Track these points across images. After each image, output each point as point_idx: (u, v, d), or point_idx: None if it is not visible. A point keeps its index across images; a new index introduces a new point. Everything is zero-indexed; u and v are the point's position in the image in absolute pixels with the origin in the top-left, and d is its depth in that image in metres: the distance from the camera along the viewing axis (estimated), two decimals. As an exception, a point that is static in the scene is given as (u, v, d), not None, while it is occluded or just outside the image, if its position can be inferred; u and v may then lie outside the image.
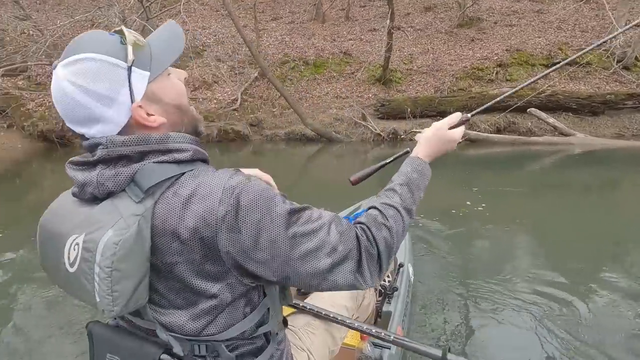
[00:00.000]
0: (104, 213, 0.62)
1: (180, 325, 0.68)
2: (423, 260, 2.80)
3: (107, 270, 0.58)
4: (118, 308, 0.60)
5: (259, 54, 8.43)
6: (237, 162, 8.25)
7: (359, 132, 8.91)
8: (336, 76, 10.89)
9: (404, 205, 0.79)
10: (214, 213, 0.61)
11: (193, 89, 10.58)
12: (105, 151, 0.63)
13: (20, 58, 9.03)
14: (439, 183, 5.41)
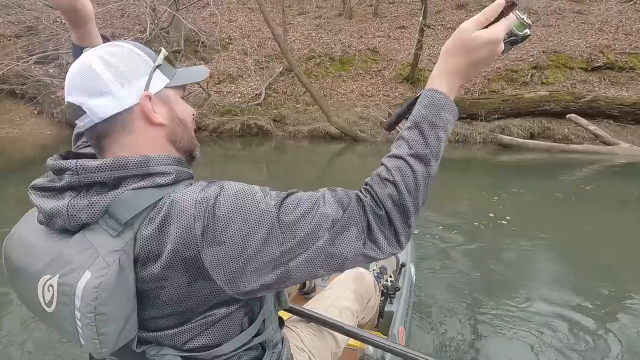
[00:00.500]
0: (77, 252, 0.55)
1: (173, 344, 0.63)
2: (435, 273, 2.64)
3: (90, 315, 0.53)
4: (107, 350, 0.56)
5: (287, 49, 8.26)
6: (258, 157, 8.17)
7: (384, 132, 8.66)
8: (362, 74, 10.64)
9: (412, 152, 0.64)
10: (191, 231, 0.56)
11: (217, 82, 10.55)
12: (76, 178, 0.57)
13: (52, 46, 9.18)
14: (463, 190, 5.14)
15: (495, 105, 8.42)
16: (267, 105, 9.92)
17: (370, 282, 1.24)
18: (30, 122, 9.96)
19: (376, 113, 9.07)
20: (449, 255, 2.97)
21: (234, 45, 11.74)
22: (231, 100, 10.00)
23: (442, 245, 3.17)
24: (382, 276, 1.53)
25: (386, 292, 1.45)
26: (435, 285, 2.46)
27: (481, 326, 2.03)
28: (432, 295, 2.31)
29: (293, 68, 7.91)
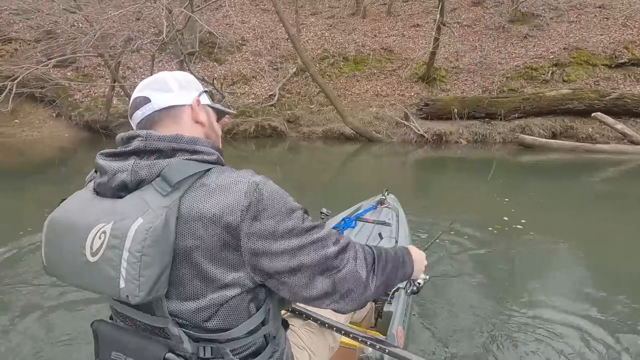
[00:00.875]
0: (131, 205, 0.65)
1: (188, 317, 0.69)
2: (441, 276, 2.54)
3: (138, 254, 0.61)
4: (143, 294, 0.62)
5: (302, 49, 8.19)
6: (272, 158, 8.12)
7: (400, 132, 8.52)
8: (377, 73, 10.51)
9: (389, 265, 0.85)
10: (240, 203, 0.66)
11: (231, 83, 10.56)
12: (143, 143, 0.70)
13: (69, 50, 9.31)
14: (478, 192, 4.92)
15: (515, 104, 8.19)
16: (281, 106, 9.88)
17: None
18: (49, 124, 10.13)
19: (392, 113, 8.93)
20: (455, 258, 2.85)
21: (247, 46, 11.74)
22: (245, 101, 9.99)
23: (450, 247, 3.03)
24: None
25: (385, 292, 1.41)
26: (440, 288, 2.37)
27: (483, 329, 1.99)
28: (433, 298, 2.25)
29: (308, 68, 7.83)
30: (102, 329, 0.78)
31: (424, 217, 3.82)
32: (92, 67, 10.93)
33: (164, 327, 0.70)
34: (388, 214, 2.28)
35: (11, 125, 9.60)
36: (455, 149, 7.97)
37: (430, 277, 1.09)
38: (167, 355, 0.70)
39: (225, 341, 0.72)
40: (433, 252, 2.89)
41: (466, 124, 8.32)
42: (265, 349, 0.77)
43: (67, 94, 10.00)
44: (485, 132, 8.18)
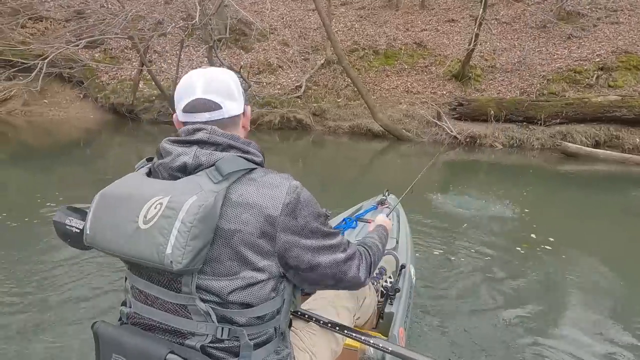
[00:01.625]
0: (187, 185, 0.74)
1: (217, 291, 0.76)
2: (449, 293, 2.37)
3: (189, 225, 0.69)
4: (186, 261, 0.69)
5: (336, 39, 7.87)
6: (296, 151, 7.93)
7: (431, 132, 8.16)
8: (408, 69, 10.11)
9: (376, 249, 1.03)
10: (281, 199, 0.77)
11: (257, 72, 10.35)
12: (207, 135, 0.81)
13: (98, 31, 9.25)
14: (509, 199, 4.46)
15: (557, 108, 7.71)
16: (307, 98, 9.62)
17: (367, 292, 1.29)
18: (76, 105, 10.15)
19: (423, 111, 8.57)
20: (469, 278, 2.64)
21: (274, 35, 11.47)
22: (270, 91, 9.77)
23: (467, 265, 2.80)
24: (381, 277, 1.54)
25: (386, 293, 1.45)
26: (444, 296, 2.31)
27: (485, 331, 1.97)
28: (434, 298, 2.23)
29: (341, 61, 7.53)
30: (103, 330, 0.80)
31: (436, 220, 3.60)
32: (120, 49, 10.88)
33: (187, 305, 0.76)
34: None
35: (40, 104, 9.65)
36: (489, 153, 7.59)
37: None
38: (168, 356, 0.73)
39: (242, 324, 0.78)
40: (448, 264, 2.77)
41: (502, 127, 7.90)
42: (273, 340, 0.83)
43: (94, 75, 9.97)
44: (522, 137, 7.75)
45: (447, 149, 7.79)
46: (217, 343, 0.77)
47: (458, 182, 5.80)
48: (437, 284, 2.45)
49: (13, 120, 9.15)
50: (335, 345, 1.07)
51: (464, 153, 7.64)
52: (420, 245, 2.99)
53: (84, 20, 9.26)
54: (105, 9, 9.74)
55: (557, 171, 6.65)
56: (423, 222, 3.59)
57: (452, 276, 2.58)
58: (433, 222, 3.61)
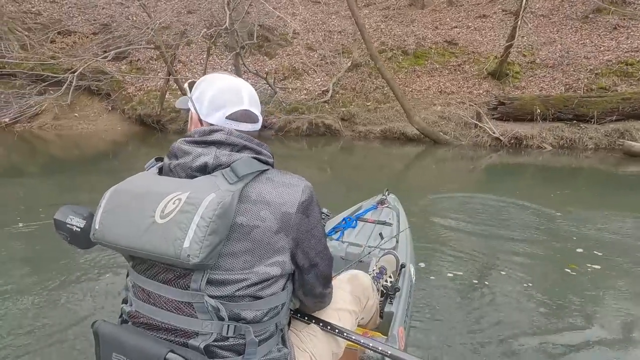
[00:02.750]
0: (205, 183, 0.76)
1: (229, 284, 0.77)
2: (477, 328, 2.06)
3: (208, 220, 0.71)
4: (203, 255, 0.70)
5: (370, 40, 7.50)
6: (324, 158, 7.59)
7: (471, 134, 7.64)
8: (439, 68, 9.63)
9: None
10: (297, 197, 0.81)
11: (282, 78, 10.10)
12: (225, 136, 0.84)
13: (124, 43, 9.24)
14: (559, 207, 3.92)
15: (612, 104, 7.06)
16: (335, 103, 9.28)
17: (366, 282, 1.24)
18: (103, 118, 10.17)
19: (459, 112, 8.06)
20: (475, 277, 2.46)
21: (297, 39, 11.23)
22: (297, 97, 9.49)
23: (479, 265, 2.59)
24: (381, 277, 1.52)
25: (386, 292, 1.44)
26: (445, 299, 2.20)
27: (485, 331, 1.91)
28: (434, 298, 2.17)
29: (376, 62, 7.16)
30: (102, 330, 0.80)
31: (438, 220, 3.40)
32: (145, 60, 10.88)
33: (193, 303, 0.76)
34: (389, 213, 2.23)
35: (69, 117, 9.71)
36: (536, 155, 7.01)
37: None
38: (168, 356, 0.73)
39: (249, 321, 0.79)
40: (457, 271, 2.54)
41: (549, 127, 7.31)
42: (274, 336, 0.84)
43: (121, 87, 9.97)
44: (573, 137, 7.13)
45: (490, 152, 7.26)
46: (221, 341, 0.77)
47: (499, 186, 5.29)
48: (439, 284, 2.36)
49: (44, 135, 9.22)
50: (336, 348, 1.06)
51: (508, 156, 7.09)
52: (430, 246, 2.89)
53: (110, 33, 9.30)
54: (130, 21, 9.77)
55: (614, 173, 6.01)
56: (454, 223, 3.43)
57: (457, 278, 2.45)
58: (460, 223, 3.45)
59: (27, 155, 7.44)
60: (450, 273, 2.41)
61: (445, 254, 2.77)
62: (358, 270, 1.30)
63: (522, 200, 4.24)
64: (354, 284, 1.18)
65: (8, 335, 1.83)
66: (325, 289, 0.95)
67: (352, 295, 1.15)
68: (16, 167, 6.42)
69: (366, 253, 1.78)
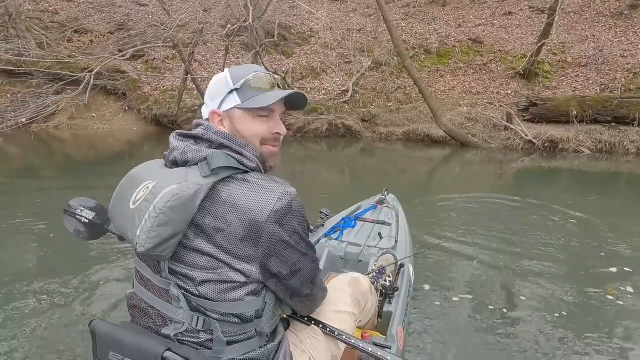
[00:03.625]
0: (176, 174, 0.77)
1: (190, 279, 0.77)
2: None
3: (158, 211, 0.71)
4: (149, 246, 0.71)
5: (398, 37, 7.16)
6: (342, 160, 7.29)
7: (501, 136, 7.25)
8: (464, 67, 9.24)
9: None
10: (270, 205, 0.75)
11: (300, 77, 9.83)
12: (203, 131, 0.84)
13: (140, 42, 9.09)
14: (598, 218, 3.49)
15: (656, 106, 6.60)
16: (355, 103, 8.97)
17: (366, 285, 1.23)
18: (119, 118, 10.05)
19: (487, 113, 7.67)
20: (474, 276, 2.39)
21: (315, 38, 10.95)
22: (315, 97, 9.21)
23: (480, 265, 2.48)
24: (381, 276, 1.49)
25: (385, 292, 1.43)
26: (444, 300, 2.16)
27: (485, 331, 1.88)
28: (435, 298, 2.13)
29: (404, 60, 6.84)
30: (100, 328, 0.80)
31: None
32: (161, 60, 10.74)
33: (168, 290, 0.79)
34: (388, 213, 2.22)
35: (85, 117, 9.61)
36: (572, 160, 6.59)
37: None
38: (166, 354, 0.73)
39: (216, 319, 0.78)
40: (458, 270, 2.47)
41: (586, 129, 6.88)
42: (253, 339, 0.82)
43: (137, 87, 9.83)
44: (613, 140, 6.69)
45: (522, 156, 6.86)
46: (193, 334, 0.78)
47: (528, 192, 4.88)
48: (440, 285, 2.31)
49: (60, 134, 9.13)
50: (336, 350, 1.05)
51: (542, 160, 6.68)
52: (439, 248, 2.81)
53: (126, 32, 9.17)
54: (147, 20, 9.62)
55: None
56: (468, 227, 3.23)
57: (457, 277, 2.42)
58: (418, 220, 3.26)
59: (43, 156, 7.33)
60: (460, 296, 2.18)
61: (459, 271, 2.49)
62: (357, 271, 1.33)
63: (553, 207, 3.88)
64: (354, 287, 1.18)
65: (7, 335, 1.83)
66: (313, 289, 0.89)
67: (353, 298, 1.15)
68: (32, 167, 6.29)
69: (365, 253, 1.78)
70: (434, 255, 2.66)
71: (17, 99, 7.72)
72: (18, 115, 5.49)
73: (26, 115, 5.54)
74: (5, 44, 6.85)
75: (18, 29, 8.29)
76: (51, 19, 9.95)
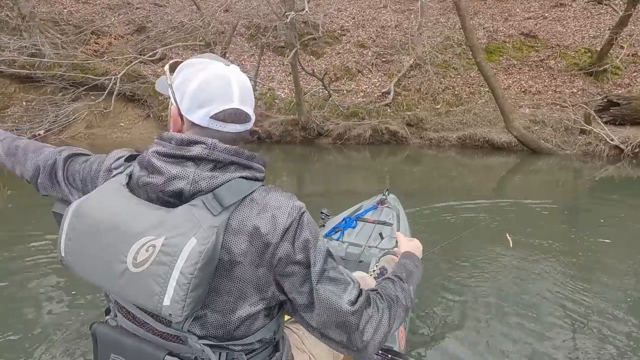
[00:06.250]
0: (183, 220, 0.63)
1: (211, 327, 0.69)
2: None
3: (189, 276, 0.60)
4: (187, 313, 0.62)
5: (472, 30, 6.30)
6: (382, 168, 6.48)
7: (577, 141, 6.33)
8: (517, 64, 8.35)
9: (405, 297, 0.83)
10: (282, 223, 0.68)
11: (334, 79, 9.02)
12: (207, 151, 0.68)
13: (160, 45, 8.39)
14: None
15: None
16: (397, 106, 8.12)
17: (372, 285, 1.09)
18: (139, 125, 9.34)
19: (557, 115, 6.76)
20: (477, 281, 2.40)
21: (347, 36, 10.15)
22: (353, 99, 8.38)
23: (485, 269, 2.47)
24: (382, 277, 1.39)
25: None
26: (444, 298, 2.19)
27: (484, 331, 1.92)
28: (434, 299, 2.16)
29: (475, 56, 5.99)
30: (101, 331, 0.76)
31: None
32: (182, 62, 10.04)
33: (179, 336, 0.70)
34: (389, 214, 2.19)
35: (102, 126, 8.93)
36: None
37: None
38: (166, 359, 0.70)
39: (240, 350, 0.73)
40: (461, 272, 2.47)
41: (682, 132, 5.93)
42: (266, 349, 0.78)
43: (157, 92, 9.11)
44: None
45: (605, 163, 5.94)
46: None
47: (608, 211, 4.04)
48: (440, 285, 2.32)
49: (77, 145, 8.48)
50: None
51: (630, 168, 5.76)
52: None
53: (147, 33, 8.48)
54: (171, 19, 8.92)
55: None
56: None
57: (457, 277, 2.43)
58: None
59: None
60: (460, 296, 2.21)
61: (460, 272, 2.50)
62: (363, 272, 1.34)
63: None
64: None
65: (6, 335, 1.83)
66: (352, 306, 0.70)
67: None
68: None
69: (366, 253, 1.79)
70: (438, 256, 2.58)
71: (32, 107, 7.05)
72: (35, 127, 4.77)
73: (44, 126, 4.82)
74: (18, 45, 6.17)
75: (32, 31, 7.64)
76: (66, 20, 9.31)
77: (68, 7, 10.47)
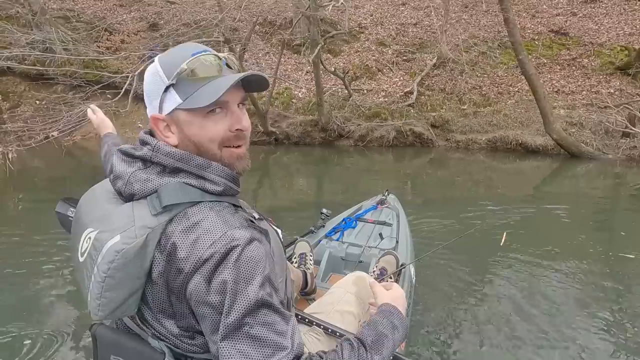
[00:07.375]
0: (121, 216, 0.63)
1: (166, 334, 0.67)
2: None
3: (103, 275, 0.59)
4: (102, 314, 0.61)
5: (516, 25, 5.92)
6: (404, 172, 6.11)
7: (620, 144, 5.93)
8: (548, 63, 7.94)
9: None
10: (201, 251, 0.59)
11: (353, 78, 8.68)
12: (150, 153, 0.65)
13: (172, 42, 8.11)
14: None
15: None
16: (421, 107, 7.76)
17: (368, 289, 1.08)
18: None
19: (595, 117, 6.36)
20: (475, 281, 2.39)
21: (365, 34, 9.80)
22: (374, 99, 8.03)
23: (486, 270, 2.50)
24: (382, 277, 1.51)
25: None
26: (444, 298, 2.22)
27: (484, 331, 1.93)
28: (434, 297, 2.20)
29: (518, 53, 5.62)
30: (100, 332, 0.76)
31: None
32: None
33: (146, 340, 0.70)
34: (389, 214, 2.19)
35: (116, 125, 8.67)
36: None
37: None
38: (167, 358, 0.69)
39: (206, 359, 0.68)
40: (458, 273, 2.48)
41: None
42: None
43: (170, 91, 8.85)
44: None
45: (653, 169, 5.53)
46: None
47: None
48: (441, 285, 2.34)
49: (88, 145, 8.19)
50: None
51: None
52: None
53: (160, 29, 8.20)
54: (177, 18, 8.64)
55: None
56: None
57: (457, 279, 2.43)
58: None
59: (70, 169, 6.43)
60: (460, 296, 2.22)
61: (460, 272, 2.50)
62: (362, 272, 1.28)
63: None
64: (359, 285, 1.11)
65: (6, 336, 1.84)
66: None
67: (357, 297, 1.08)
68: (61, 180, 5.43)
69: (366, 253, 1.81)
70: (436, 258, 2.59)
71: (43, 107, 6.80)
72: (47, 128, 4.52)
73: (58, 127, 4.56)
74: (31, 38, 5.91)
75: (42, 27, 7.39)
76: (77, 17, 9.07)
77: (79, 3, 10.24)
